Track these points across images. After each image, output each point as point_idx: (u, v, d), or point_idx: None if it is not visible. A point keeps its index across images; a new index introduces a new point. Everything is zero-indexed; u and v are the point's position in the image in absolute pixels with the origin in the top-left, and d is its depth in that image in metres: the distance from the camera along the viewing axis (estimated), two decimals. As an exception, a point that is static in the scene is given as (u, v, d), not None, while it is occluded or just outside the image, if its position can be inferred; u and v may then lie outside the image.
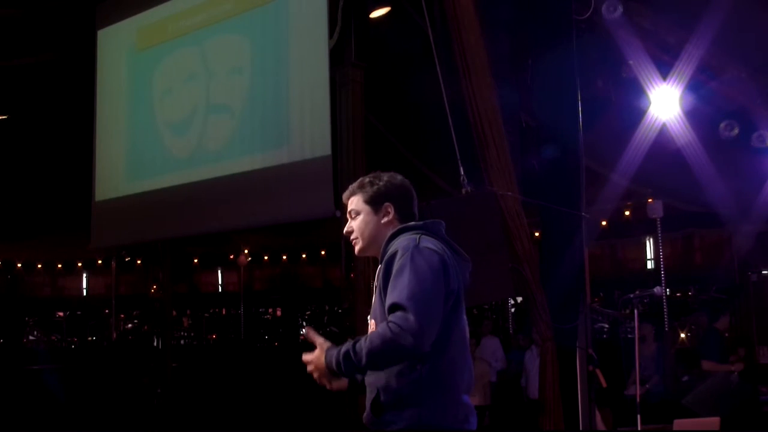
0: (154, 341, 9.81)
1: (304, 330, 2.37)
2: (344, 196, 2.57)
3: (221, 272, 19.16)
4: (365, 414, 2.35)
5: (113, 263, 17.85)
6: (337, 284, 10.72)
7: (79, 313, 18.99)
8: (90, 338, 18.31)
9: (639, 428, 5.05)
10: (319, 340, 2.33)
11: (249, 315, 17.62)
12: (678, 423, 4.99)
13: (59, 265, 18.69)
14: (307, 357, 2.34)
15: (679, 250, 13.42)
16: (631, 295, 5.03)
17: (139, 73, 8.39)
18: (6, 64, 9.15)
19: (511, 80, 5.85)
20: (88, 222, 8.85)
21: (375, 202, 2.48)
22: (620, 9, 5.50)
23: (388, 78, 8.26)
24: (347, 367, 2.19)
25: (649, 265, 14.05)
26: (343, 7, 6.52)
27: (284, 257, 18.08)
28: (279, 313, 18.61)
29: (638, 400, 5.05)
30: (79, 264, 18.87)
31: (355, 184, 2.55)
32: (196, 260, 18.39)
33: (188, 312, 18.60)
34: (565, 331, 5.27)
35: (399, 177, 2.55)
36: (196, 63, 7.74)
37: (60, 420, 8.96)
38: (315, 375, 2.33)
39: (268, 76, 7.01)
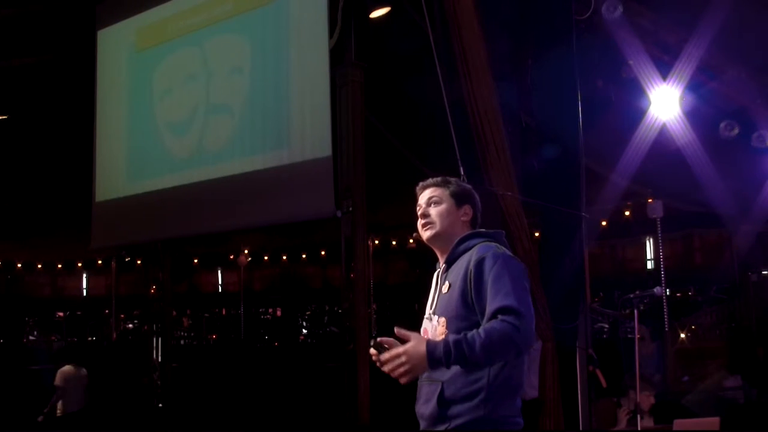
0: (154, 341, 9.78)
1: (395, 328, 2.23)
2: (422, 184, 2.65)
3: (221, 272, 19.15)
4: (430, 407, 2.37)
5: (113, 263, 17.84)
6: (337, 284, 10.71)
7: (79, 313, 18.98)
8: (90, 338, 18.29)
9: (639, 428, 5.05)
10: (413, 333, 2.31)
11: (249, 315, 17.60)
12: (678, 423, 4.97)
13: (59, 265, 18.68)
14: (396, 351, 2.24)
15: (679, 250, 13.41)
16: (631, 295, 5.01)
17: (139, 73, 8.39)
18: (6, 64, 9.15)
19: (511, 80, 5.85)
20: (88, 222, 8.84)
21: (460, 199, 2.60)
22: (620, 9, 5.50)
23: (388, 78, 8.25)
24: (457, 356, 2.19)
25: (649, 265, 14.04)
26: (343, 8, 6.51)
27: (284, 257, 18.09)
28: (279, 313, 18.60)
29: (638, 399, 5.05)
30: (79, 264, 18.87)
31: (438, 178, 2.64)
32: (196, 260, 18.38)
33: (188, 312, 18.59)
34: (565, 331, 5.27)
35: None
36: (196, 63, 7.74)
37: (60, 420, 8.94)
38: (397, 368, 2.24)
39: (268, 76, 7.00)
